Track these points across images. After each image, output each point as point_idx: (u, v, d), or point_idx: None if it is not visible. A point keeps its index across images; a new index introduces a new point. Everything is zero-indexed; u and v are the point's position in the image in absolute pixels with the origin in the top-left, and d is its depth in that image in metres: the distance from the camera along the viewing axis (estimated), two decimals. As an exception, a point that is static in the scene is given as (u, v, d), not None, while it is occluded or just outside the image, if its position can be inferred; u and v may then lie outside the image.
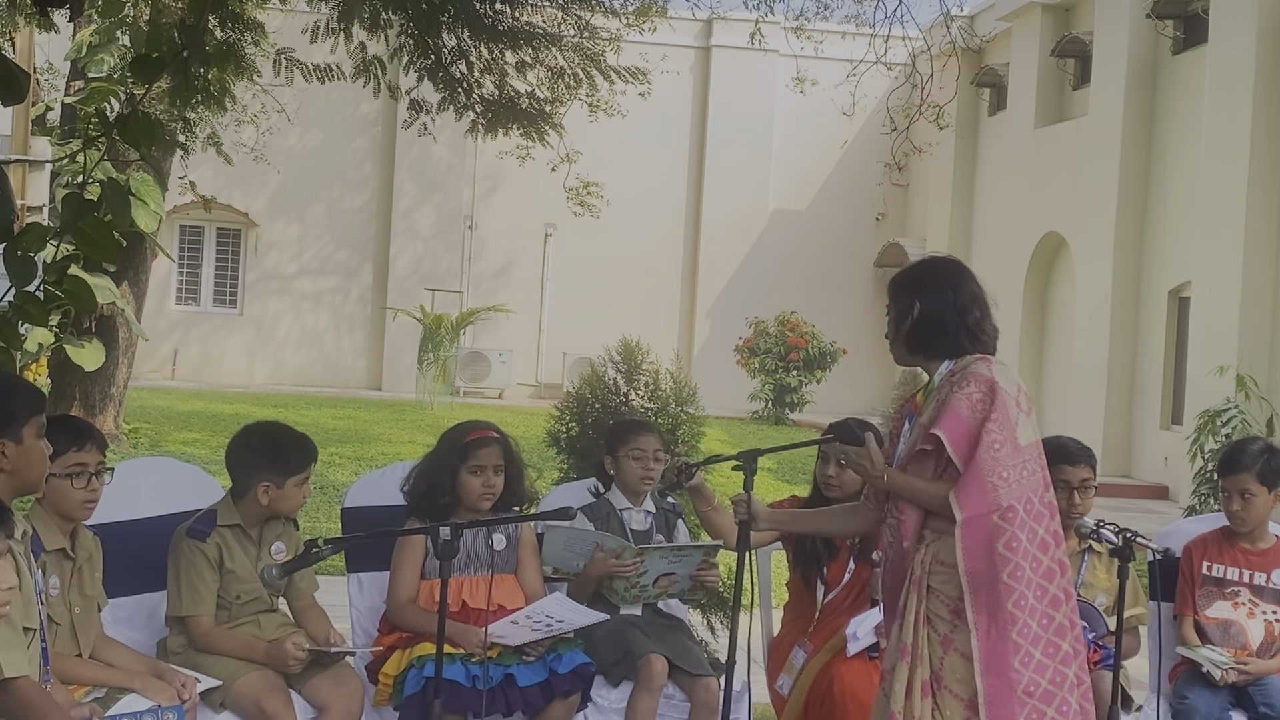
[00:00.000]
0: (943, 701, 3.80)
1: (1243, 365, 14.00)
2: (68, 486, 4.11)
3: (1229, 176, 15.26)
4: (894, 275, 4.16)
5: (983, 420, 3.80)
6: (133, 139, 3.85)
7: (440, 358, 21.29)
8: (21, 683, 3.41)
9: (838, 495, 5.10)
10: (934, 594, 3.85)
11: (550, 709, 4.66)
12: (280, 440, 4.72)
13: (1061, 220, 19.59)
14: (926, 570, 3.85)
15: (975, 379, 3.87)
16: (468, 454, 4.85)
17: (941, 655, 3.81)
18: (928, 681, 3.81)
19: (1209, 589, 5.27)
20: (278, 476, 4.59)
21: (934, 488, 3.86)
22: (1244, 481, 5.19)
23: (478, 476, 4.83)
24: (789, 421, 21.61)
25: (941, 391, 3.93)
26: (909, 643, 3.84)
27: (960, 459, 3.79)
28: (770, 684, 5.14)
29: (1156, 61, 17.95)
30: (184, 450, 12.84)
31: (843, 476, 5.08)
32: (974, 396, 3.83)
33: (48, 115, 14.26)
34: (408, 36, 7.52)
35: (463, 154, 23.67)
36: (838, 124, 20.44)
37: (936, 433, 3.83)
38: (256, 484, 4.59)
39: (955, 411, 3.83)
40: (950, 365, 3.96)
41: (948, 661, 3.80)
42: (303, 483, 4.65)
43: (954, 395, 3.86)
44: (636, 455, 5.14)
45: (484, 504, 4.85)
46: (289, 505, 4.65)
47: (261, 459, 4.62)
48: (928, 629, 3.84)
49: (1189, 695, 5.01)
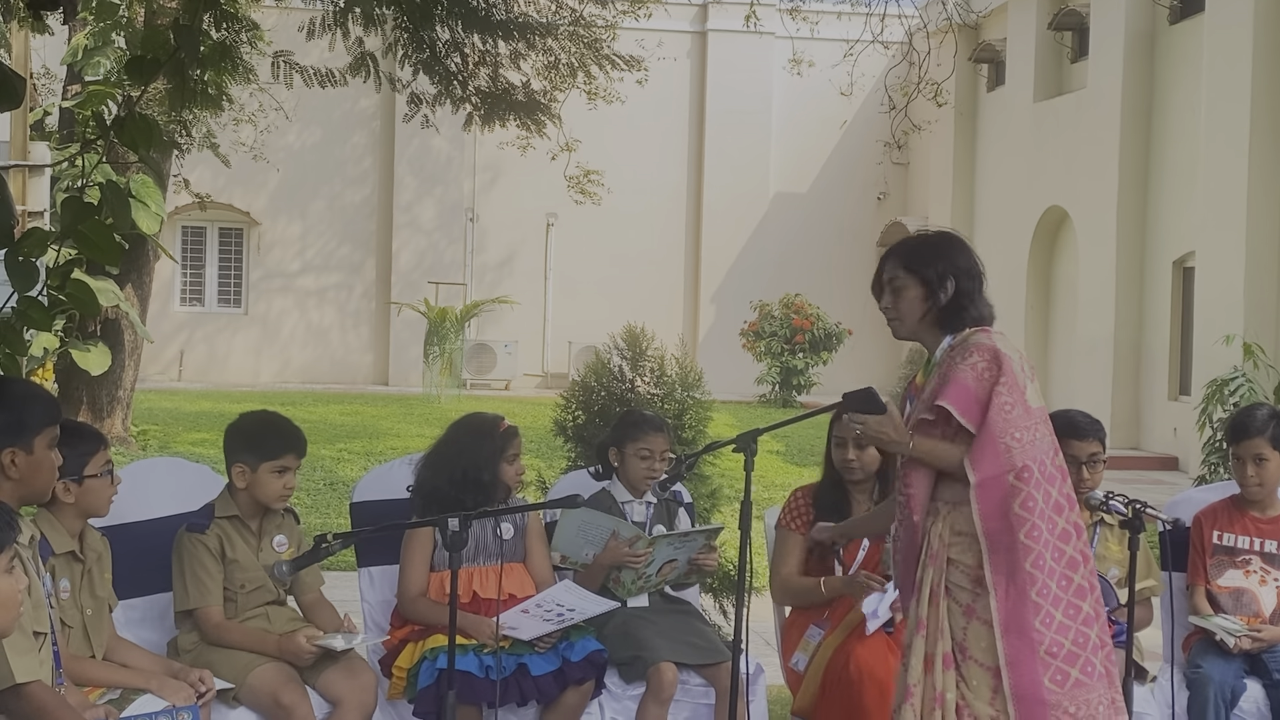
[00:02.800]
0: (968, 672, 3.79)
1: (1249, 333, 13.97)
2: (105, 485, 4.19)
3: (1230, 144, 15.21)
4: (906, 247, 4.05)
5: (991, 385, 3.79)
6: (130, 141, 3.86)
7: (446, 351, 21.30)
8: (34, 687, 3.41)
9: (860, 478, 5.07)
10: (954, 565, 3.84)
11: (564, 697, 4.67)
12: (262, 424, 4.73)
13: (1063, 194, 19.54)
14: (945, 543, 3.84)
15: (977, 349, 3.86)
16: (505, 444, 4.92)
17: (964, 625, 3.81)
18: (949, 654, 3.80)
19: (1220, 558, 5.26)
20: (252, 459, 4.58)
21: (958, 450, 3.83)
22: (1257, 446, 5.17)
23: (513, 465, 4.93)
24: (796, 404, 21.60)
25: (943, 366, 3.92)
26: (924, 616, 3.84)
27: (972, 424, 3.79)
28: (784, 663, 5.14)
29: (1154, 31, 17.90)
30: (193, 451, 12.85)
31: (863, 457, 5.02)
32: (979, 365, 3.83)
33: (46, 120, 14.25)
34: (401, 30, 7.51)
35: (462, 146, 23.64)
36: (836, 104, 20.37)
37: (943, 404, 3.82)
38: (232, 465, 4.62)
39: (960, 382, 3.83)
40: (950, 340, 3.95)
41: (971, 631, 3.80)
42: (281, 471, 4.60)
43: (957, 368, 3.85)
44: (643, 454, 5.15)
45: (517, 491, 5.02)
46: (265, 493, 4.60)
47: (240, 441, 4.64)
48: (948, 600, 3.83)
49: (1203, 664, 5.01)
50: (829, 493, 5.14)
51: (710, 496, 6.63)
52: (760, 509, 5.59)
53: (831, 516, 5.04)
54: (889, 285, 4.00)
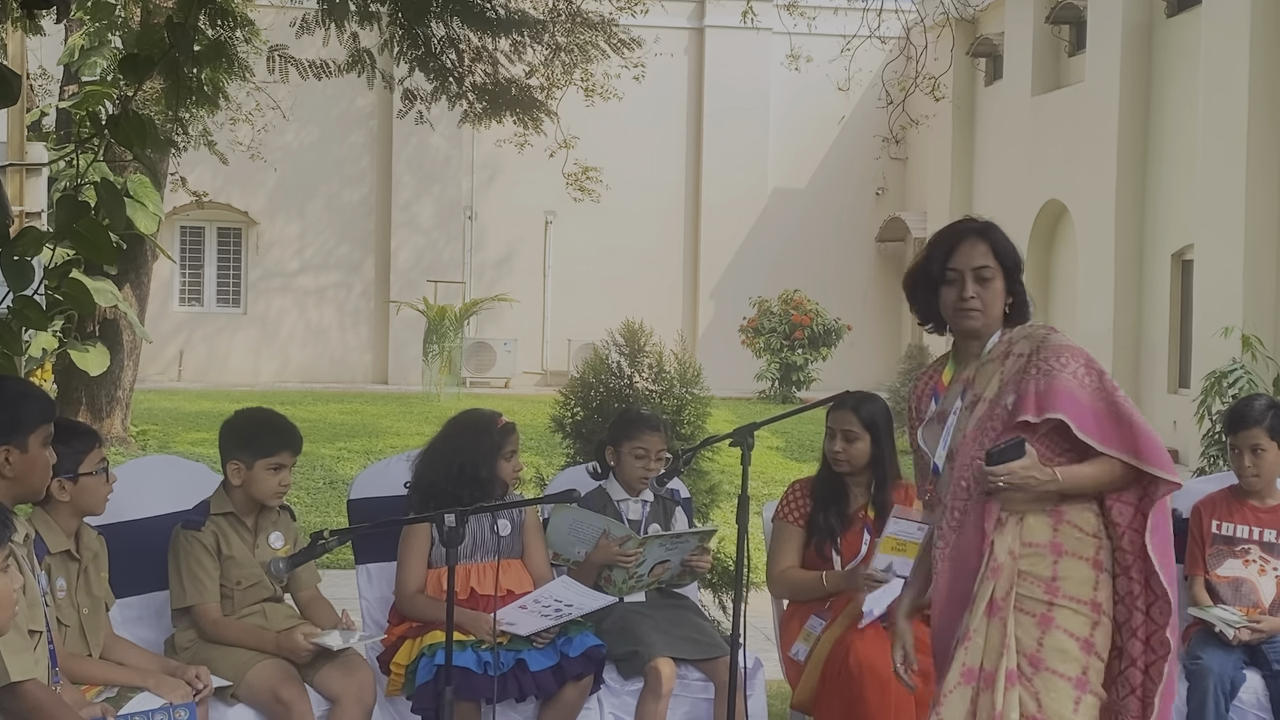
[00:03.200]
0: (1044, 684, 3.62)
1: (1248, 325, 13.95)
2: (101, 483, 4.20)
3: (1228, 136, 15.20)
4: (995, 236, 3.81)
5: (1111, 392, 3.66)
6: (125, 139, 3.86)
7: (445, 349, 21.30)
8: (30, 685, 3.42)
9: (848, 470, 5.11)
10: (1025, 577, 3.67)
11: (563, 692, 4.67)
12: (258, 422, 4.74)
13: (1062, 187, 19.54)
14: (1015, 555, 3.67)
15: (1069, 353, 3.70)
16: (503, 440, 4.93)
17: (1039, 636, 3.64)
18: (1014, 670, 3.62)
19: (1219, 548, 5.26)
20: (247, 456, 4.59)
21: (1103, 470, 3.66)
22: (1255, 437, 5.18)
23: (510, 462, 4.95)
24: (796, 400, 21.58)
25: (1003, 365, 3.75)
26: (973, 628, 3.66)
27: (1099, 439, 3.63)
28: (784, 653, 5.14)
29: (1151, 24, 17.89)
30: (193, 450, 12.85)
31: (850, 450, 5.07)
32: (1079, 373, 3.67)
33: (43, 120, 14.25)
34: (396, 26, 7.50)
35: (460, 144, 23.63)
36: (834, 100, 20.36)
37: (1059, 416, 3.62)
38: (228, 462, 4.62)
39: (1067, 393, 3.64)
40: (1002, 335, 3.80)
41: (1049, 641, 3.64)
42: (276, 469, 4.60)
43: (1055, 374, 3.67)
44: (639, 454, 5.17)
45: (514, 488, 5.06)
46: (260, 490, 4.61)
47: (235, 438, 4.65)
48: (1017, 614, 3.66)
49: (1203, 656, 5.01)
50: (826, 484, 5.17)
51: (710, 492, 6.64)
52: (759, 504, 5.59)
53: (829, 508, 5.10)
54: (976, 274, 3.76)
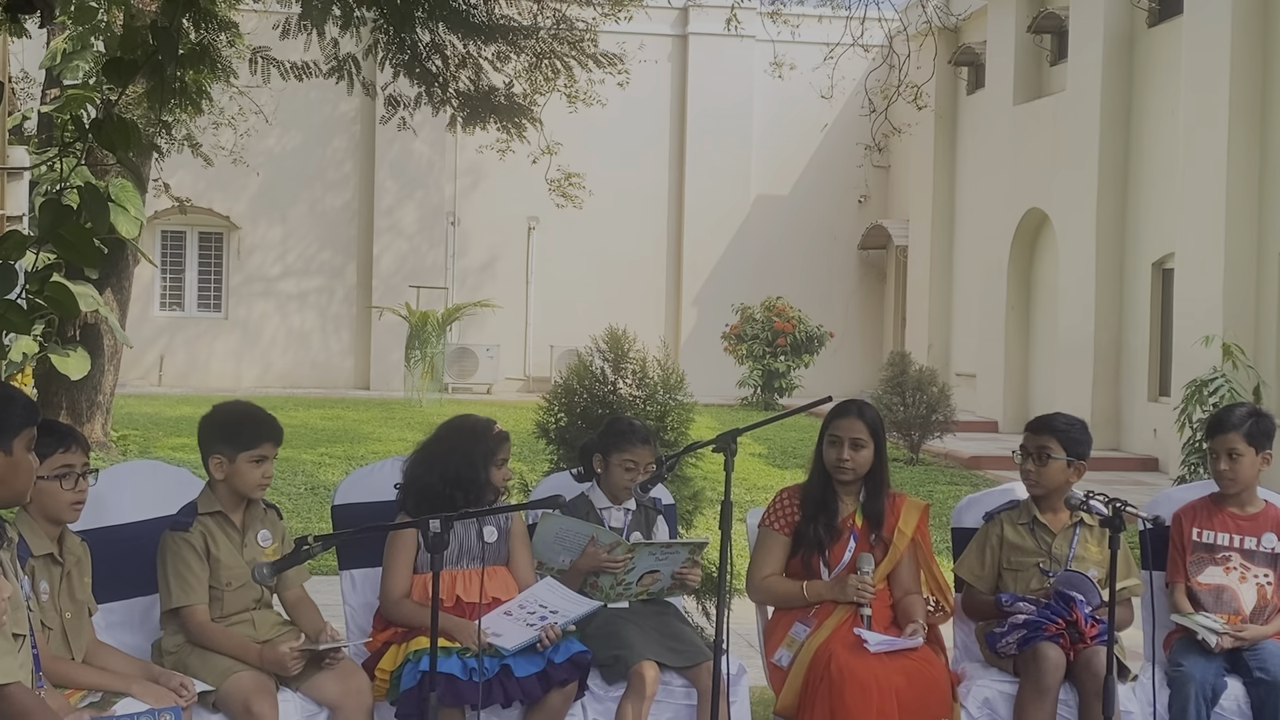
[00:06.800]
0: None
1: (1228, 334, 14.02)
2: (56, 488, 4.12)
3: (1208, 146, 15.28)
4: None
5: None
6: (108, 142, 3.84)
7: (427, 355, 21.27)
8: (14, 689, 3.40)
9: (850, 478, 5.11)
10: None
11: (548, 699, 4.66)
12: (236, 414, 4.72)
13: (1043, 196, 19.61)
14: None
15: None
16: (497, 447, 4.93)
17: None
18: None
19: (1200, 555, 5.28)
20: (229, 450, 4.58)
21: None
22: (1231, 441, 5.23)
23: (501, 470, 4.94)
24: (778, 406, 21.61)
25: None
26: None
27: None
28: (767, 658, 5.14)
29: (1133, 34, 17.97)
30: (173, 455, 12.81)
31: (857, 458, 5.08)
32: None
33: (24, 124, 14.21)
34: (381, 32, 7.50)
35: (443, 150, 23.63)
36: (817, 108, 20.45)
37: None
38: (209, 457, 4.60)
39: None
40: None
41: None
42: (259, 461, 4.60)
43: None
44: (628, 466, 5.18)
45: (503, 496, 5.02)
46: (244, 483, 4.60)
47: (215, 432, 4.64)
48: None
49: (1184, 663, 5.03)
50: (817, 490, 5.16)
51: (693, 499, 6.63)
52: (742, 511, 5.59)
53: (819, 514, 5.10)
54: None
